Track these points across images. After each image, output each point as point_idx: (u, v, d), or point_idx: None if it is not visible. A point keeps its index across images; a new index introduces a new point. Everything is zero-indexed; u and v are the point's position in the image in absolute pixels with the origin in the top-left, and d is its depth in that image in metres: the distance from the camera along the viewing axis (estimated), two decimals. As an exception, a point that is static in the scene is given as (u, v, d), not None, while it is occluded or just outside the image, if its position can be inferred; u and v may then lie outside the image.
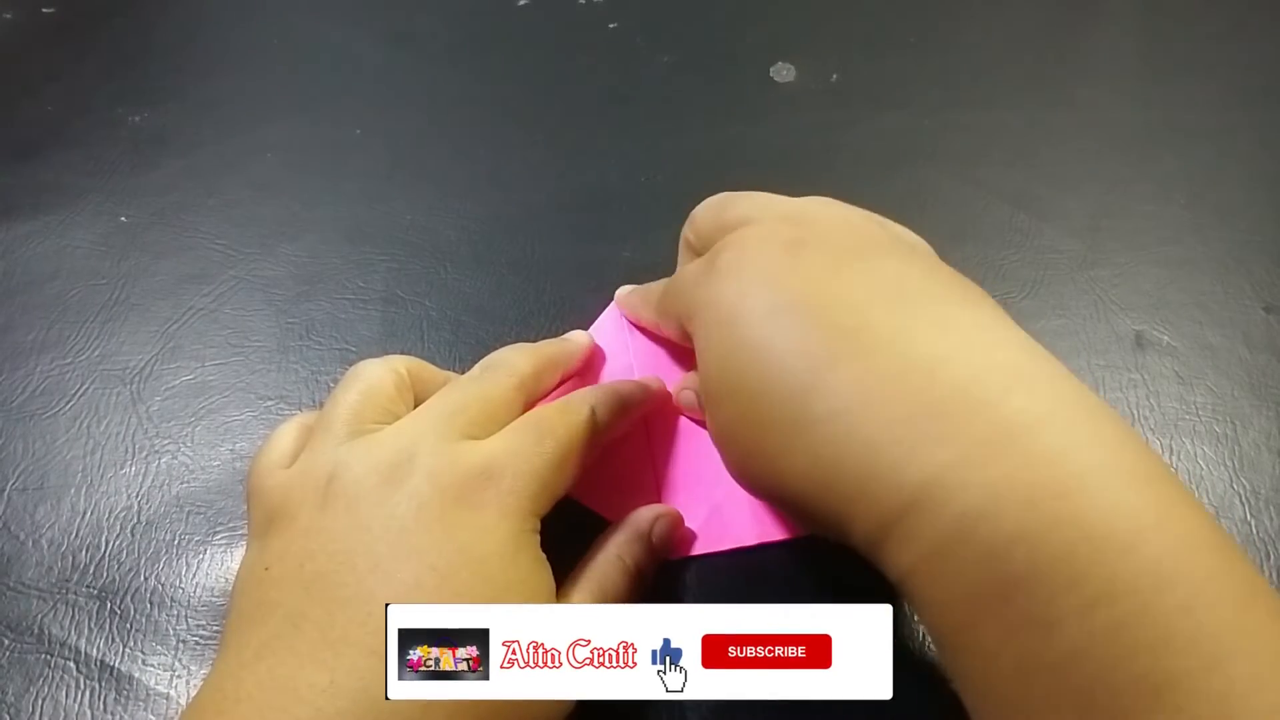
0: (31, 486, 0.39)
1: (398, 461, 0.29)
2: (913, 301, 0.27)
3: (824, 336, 0.26)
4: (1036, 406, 0.23)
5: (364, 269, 0.46)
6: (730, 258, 0.30)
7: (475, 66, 0.56)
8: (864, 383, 0.25)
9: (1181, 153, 0.50)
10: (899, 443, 0.24)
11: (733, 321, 0.28)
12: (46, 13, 0.59)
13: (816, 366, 0.26)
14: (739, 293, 0.28)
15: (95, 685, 0.34)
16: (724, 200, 0.35)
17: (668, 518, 0.35)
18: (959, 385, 0.24)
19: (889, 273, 0.28)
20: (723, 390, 0.28)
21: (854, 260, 0.28)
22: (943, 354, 0.25)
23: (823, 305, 0.27)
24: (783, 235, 0.29)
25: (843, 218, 0.32)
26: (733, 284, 0.29)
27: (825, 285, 0.27)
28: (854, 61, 0.55)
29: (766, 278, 0.28)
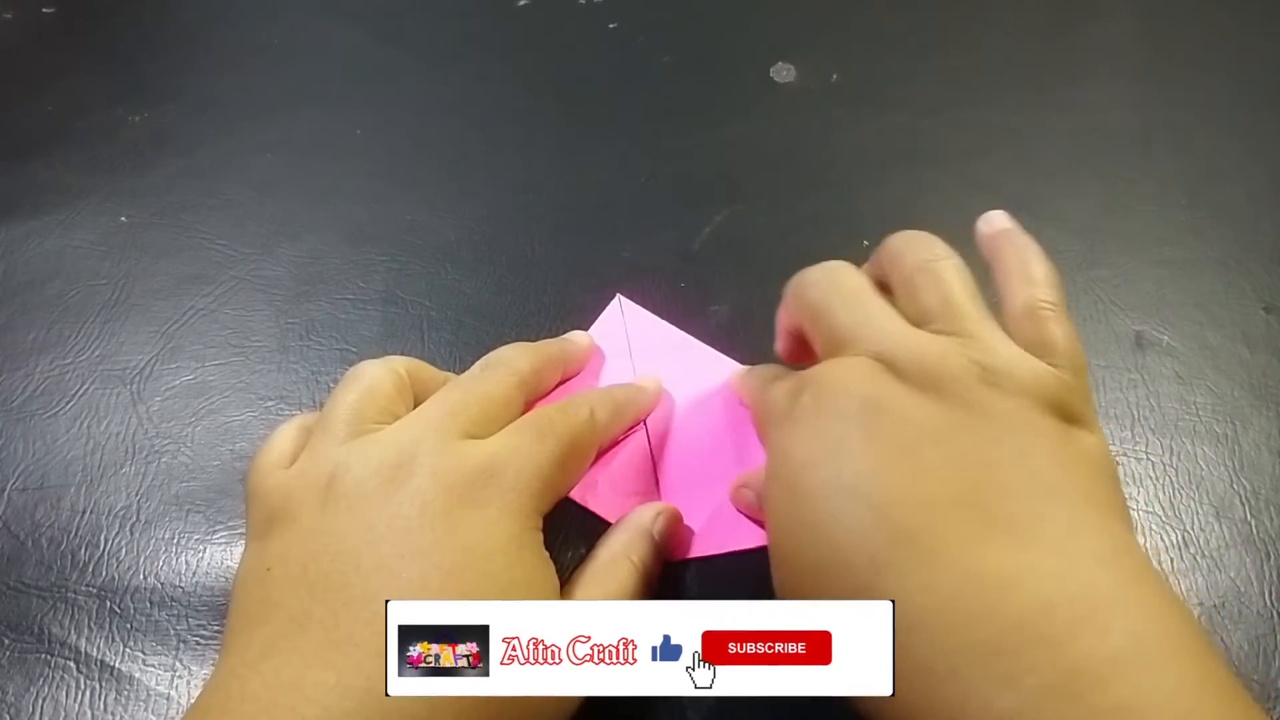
0: (31, 486, 0.39)
1: (399, 461, 0.29)
2: (991, 500, 0.25)
3: (887, 536, 0.25)
4: (1108, 648, 0.22)
5: (364, 269, 0.46)
6: (808, 405, 0.28)
7: (475, 66, 0.56)
8: (925, 598, 0.24)
9: (1181, 153, 0.50)
10: (958, 677, 0.23)
11: (796, 491, 0.27)
12: (46, 13, 0.59)
13: (878, 567, 0.25)
14: (806, 461, 0.27)
15: (95, 685, 0.34)
16: (830, 288, 0.32)
17: (667, 514, 0.35)
18: (1027, 618, 0.22)
19: (970, 459, 0.25)
20: (785, 552, 0.28)
21: (933, 444, 0.26)
22: (1013, 575, 0.23)
23: (889, 499, 0.25)
24: (865, 390, 0.27)
25: (940, 362, 0.27)
26: (802, 445, 0.28)
27: (895, 470, 0.26)
28: (854, 61, 0.55)
29: (837, 446, 0.27)
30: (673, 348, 0.42)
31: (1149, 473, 0.39)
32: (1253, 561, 0.37)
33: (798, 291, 0.33)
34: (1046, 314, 0.29)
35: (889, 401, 0.27)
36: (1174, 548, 0.37)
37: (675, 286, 0.45)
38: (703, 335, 0.42)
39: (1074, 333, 0.29)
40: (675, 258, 0.46)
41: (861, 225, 0.47)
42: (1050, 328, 0.29)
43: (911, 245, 0.31)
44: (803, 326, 0.33)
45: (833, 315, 0.31)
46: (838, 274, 0.32)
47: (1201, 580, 0.36)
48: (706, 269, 0.45)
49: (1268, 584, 0.36)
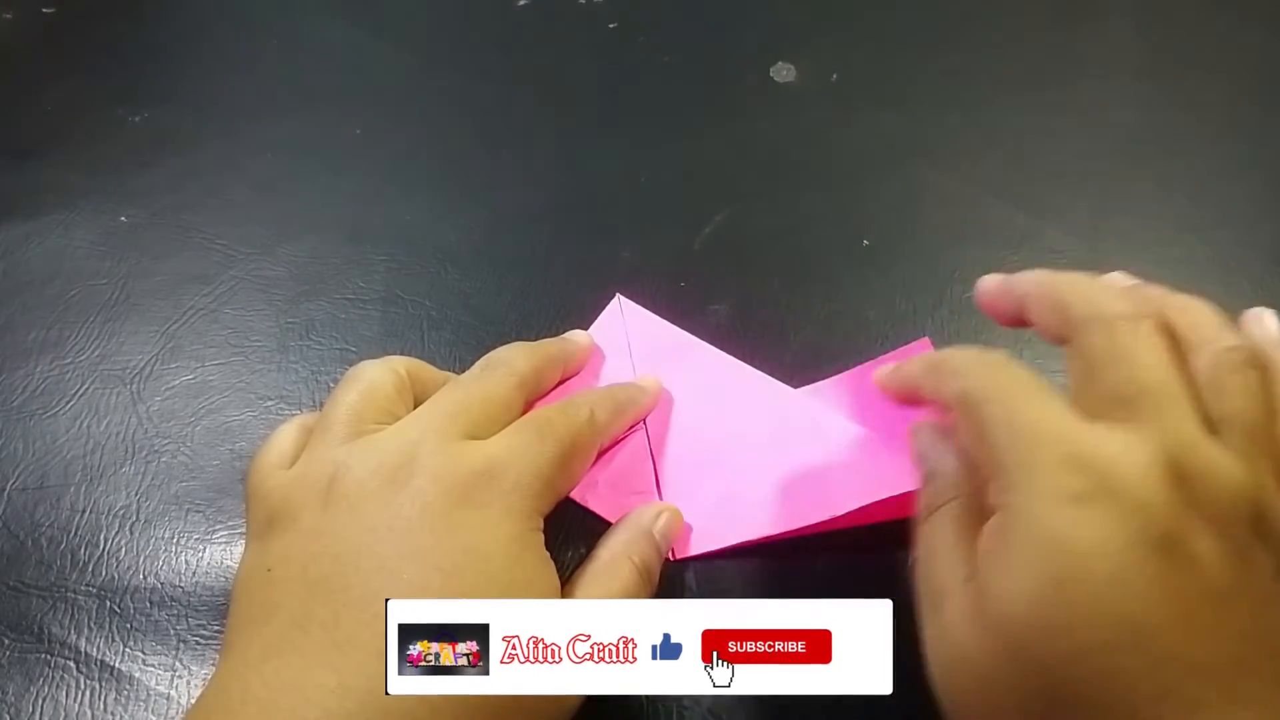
0: (31, 486, 0.39)
1: (400, 463, 0.29)
2: (1243, 677, 0.24)
3: (1152, 691, 0.23)
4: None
5: (364, 269, 0.46)
6: (1094, 495, 0.24)
7: (475, 66, 0.56)
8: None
9: (1181, 153, 0.50)
10: None
11: (1064, 583, 0.24)
12: (46, 13, 0.59)
13: (1123, 700, 0.23)
14: (1088, 568, 0.24)
15: (95, 685, 0.34)
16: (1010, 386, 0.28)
17: (670, 514, 0.35)
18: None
19: (1240, 628, 0.24)
20: (1004, 638, 0.25)
21: (1216, 603, 0.24)
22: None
23: (1164, 655, 0.24)
24: (1165, 522, 0.24)
25: (1237, 496, 0.25)
26: (1085, 545, 0.24)
27: (1177, 627, 0.24)
28: (854, 61, 0.55)
29: (1126, 572, 0.24)
30: (673, 347, 0.42)
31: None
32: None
33: (1057, 290, 0.30)
34: None
35: (1187, 542, 0.24)
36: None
37: (675, 286, 0.45)
38: (703, 335, 0.42)
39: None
40: (675, 258, 0.46)
41: (861, 225, 0.47)
42: None
43: (1211, 326, 0.29)
44: (1050, 329, 0.30)
45: (1130, 369, 0.27)
46: (1147, 320, 0.28)
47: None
48: (706, 269, 0.45)
49: (1268, 584, 0.36)
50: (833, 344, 0.42)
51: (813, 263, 0.46)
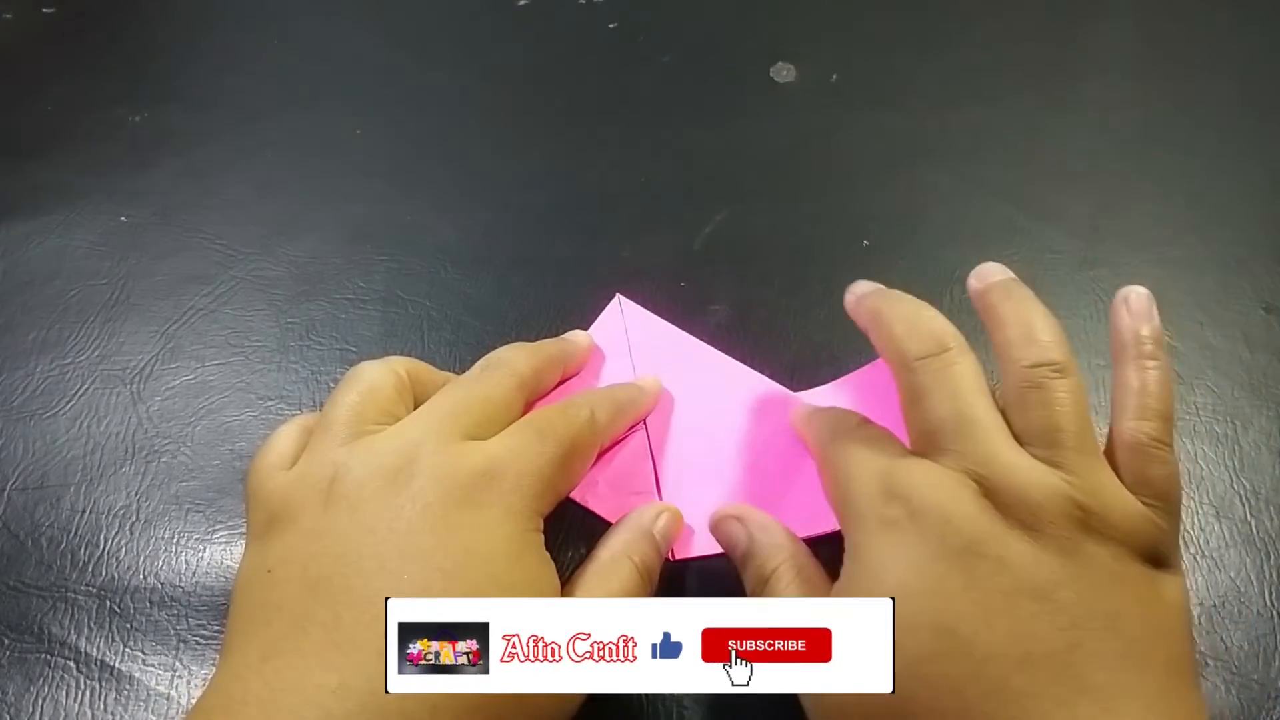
0: (31, 486, 0.39)
1: (400, 464, 0.29)
2: (1083, 664, 0.25)
3: (983, 690, 0.25)
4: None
5: (364, 269, 0.46)
6: (903, 522, 0.28)
7: (475, 66, 0.56)
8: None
9: (1181, 153, 0.50)
10: None
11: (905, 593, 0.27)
12: (46, 13, 0.59)
13: (969, 716, 0.25)
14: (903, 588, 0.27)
15: (95, 685, 0.34)
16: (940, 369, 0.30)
17: (670, 514, 0.35)
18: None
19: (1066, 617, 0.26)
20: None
21: (1032, 597, 0.26)
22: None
23: (988, 651, 0.26)
24: (969, 529, 0.27)
25: (1043, 501, 0.27)
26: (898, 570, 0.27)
27: (996, 622, 0.26)
28: (854, 61, 0.55)
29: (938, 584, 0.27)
30: (672, 347, 0.42)
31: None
32: (1253, 561, 0.37)
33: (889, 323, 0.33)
34: (1152, 452, 0.28)
35: (991, 545, 0.27)
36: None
37: (675, 286, 0.45)
38: (703, 335, 0.42)
39: (1176, 474, 0.29)
40: (675, 258, 0.46)
41: (861, 225, 0.47)
42: (1154, 468, 0.28)
43: (1029, 336, 0.30)
44: (886, 360, 0.33)
45: (935, 404, 0.30)
46: (953, 355, 0.31)
47: (1201, 580, 0.36)
48: (706, 269, 0.46)
49: (1268, 584, 0.36)
50: (833, 344, 0.42)
51: (813, 263, 0.46)
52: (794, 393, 0.41)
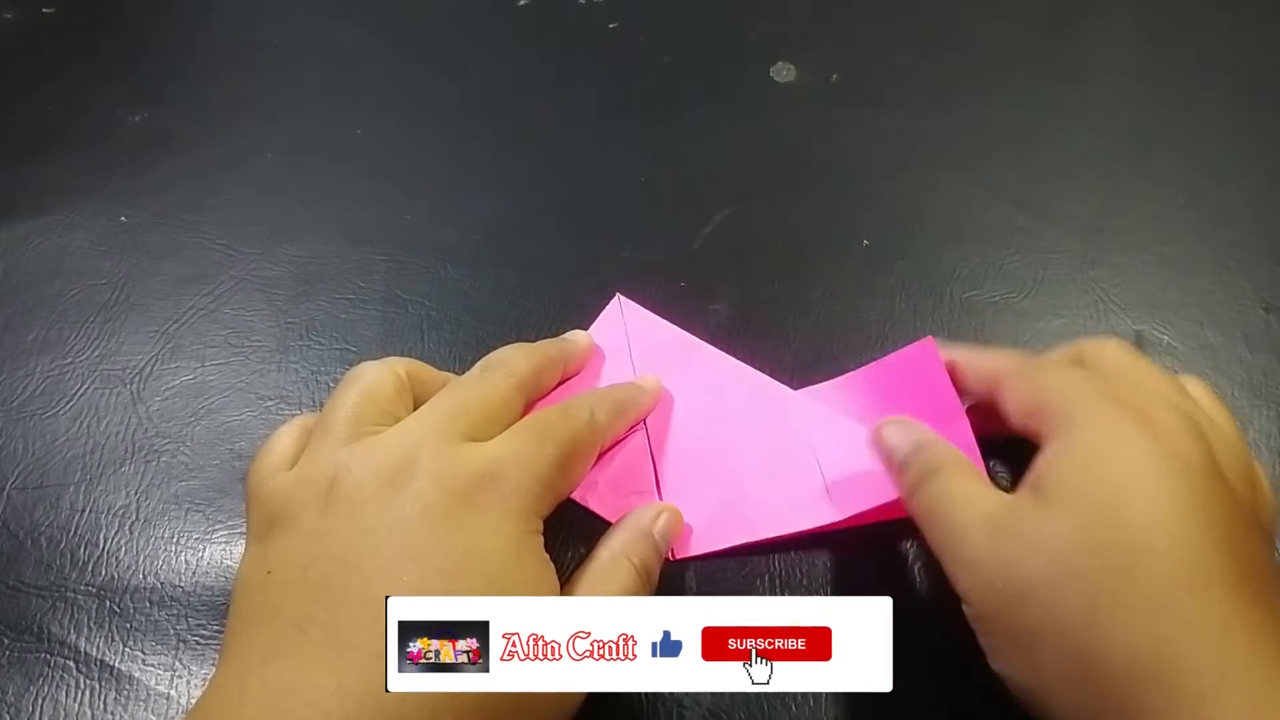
0: (31, 485, 0.39)
1: (400, 464, 0.29)
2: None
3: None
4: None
5: (364, 269, 0.46)
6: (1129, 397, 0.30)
7: (475, 66, 0.56)
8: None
9: (1181, 153, 0.50)
10: None
11: (1117, 503, 0.27)
12: (46, 13, 0.59)
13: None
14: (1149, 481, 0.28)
15: (95, 685, 0.34)
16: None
17: (669, 514, 0.35)
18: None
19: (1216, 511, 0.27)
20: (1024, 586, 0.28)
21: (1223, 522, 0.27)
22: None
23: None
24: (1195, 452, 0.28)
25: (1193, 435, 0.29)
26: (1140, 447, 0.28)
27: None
28: (854, 61, 0.55)
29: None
30: (672, 347, 0.42)
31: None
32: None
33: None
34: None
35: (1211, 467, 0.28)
36: None
37: (675, 286, 0.45)
38: (703, 335, 0.42)
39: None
40: (675, 257, 0.46)
41: (861, 225, 0.47)
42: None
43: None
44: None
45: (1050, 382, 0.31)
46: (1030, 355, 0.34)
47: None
48: (706, 269, 0.45)
49: (1268, 584, 0.36)
50: (833, 344, 0.43)
51: (813, 263, 0.46)
52: (794, 392, 0.41)
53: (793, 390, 0.41)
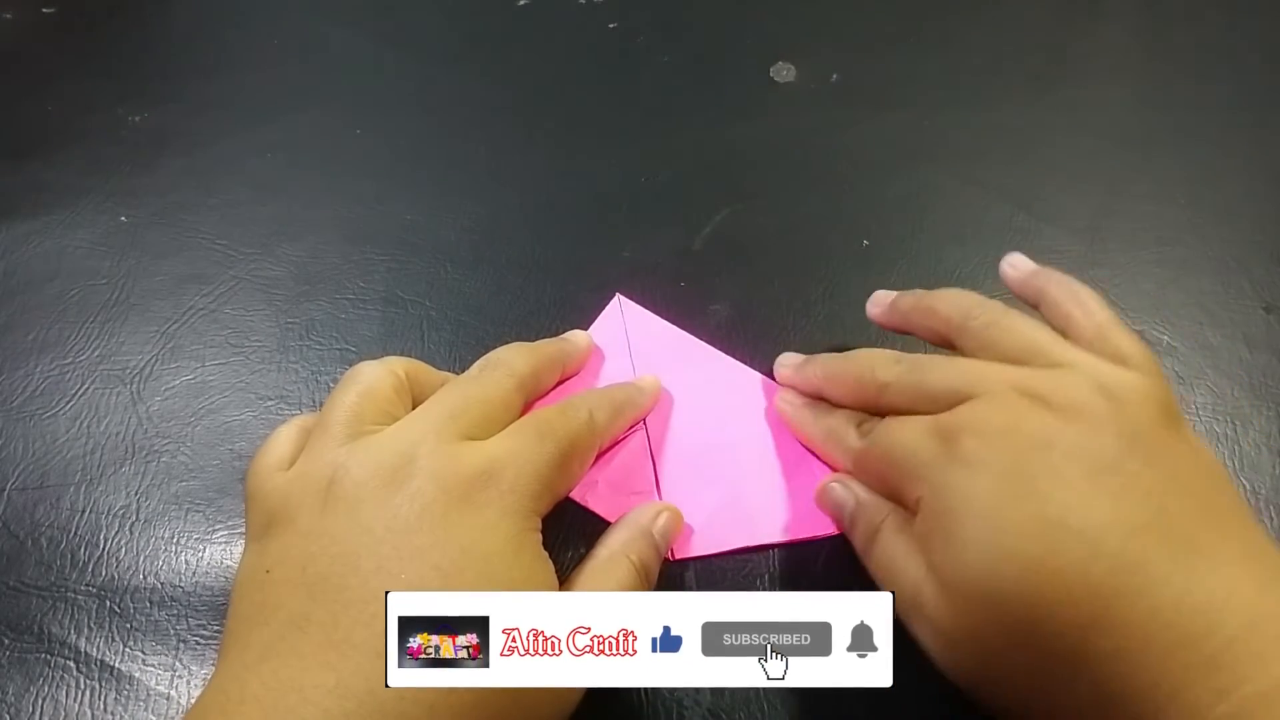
0: (31, 485, 0.39)
1: (398, 463, 0.29)
2: (1178, 524, 0.27)
3: (1107, 566, 0.26)
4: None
5: (364, 269, 0.46)
6: (975, 448, 0.29)
7: (475, 66, 0.56)
8: (1151, 623, 0.25)
9: (1181, 153, 0.50)
10: (1181, 693, 0.25)
11: (998, 529, 0.28)
12: (46, 13, 0.59)
13: (1104, 596, 0.26)
14: (1000, 499, 0.28)
15: (95, 685, 0.34)
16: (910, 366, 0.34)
17: (669, 514, 0.35)
18: (1239, 635, 0.25)
19: (1145, 485, 0.27)
20: (979, 594, 0.28)
21: (1111, 472, 0.28)
22: (1221, 596, 0.25)
23: (1099, 529, 0.27)
24: (1032, 428, 0.29)
25: (1075, 389, 0.30)
26: (990, 486, 0.28)
27: (1095, 500, 0.27)
28: (854, 61, 0.55)
29: (1031, 482, 0.28)
30: (672, 347, 0.42)
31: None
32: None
33: (834, 375, 0.37)
34: (1112, 333, 0.32)
35: (1057, 437, 0.28)
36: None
37: (675, 286, 0.45)
38: (703, 335, 0.42)
39: (1140, 341, 0.32)
40: (675, 257, 0.46)
41: (861, 225, 0.47)
42: (1123, 344, 0.31)
43: (967, 308, 0.34)
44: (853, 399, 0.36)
45: (929, 376, 0.33)
46: (894, 353, 0.35)
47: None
48: (706, 269, 0.45)
49: (1268, 583, 0.36)
50: (833, 344, 0.42)
51: (813, 263, 0.46)
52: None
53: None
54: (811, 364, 0.39)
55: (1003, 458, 0.29)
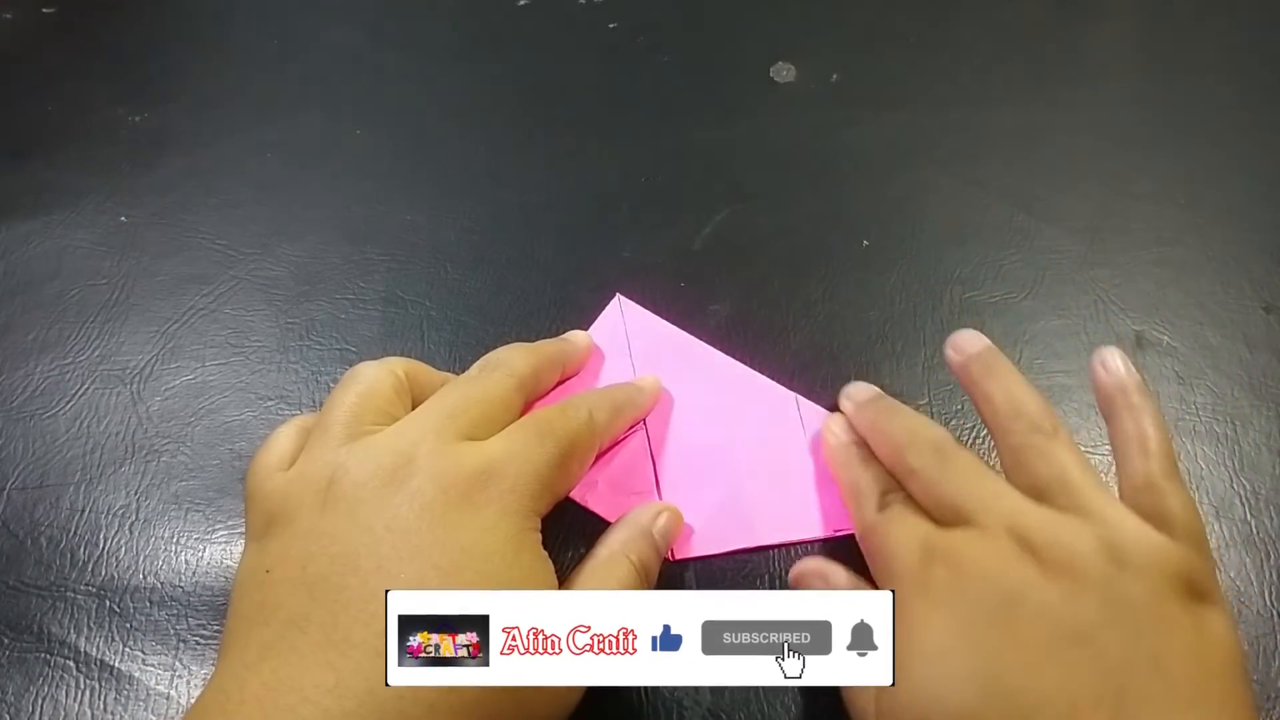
0: (31, 485, 0.39)
1: (398, 463, 0.29)
2: (1131, 707, 0.25)
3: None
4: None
5: (364, 269, 0.46)
6: (945, 582, 0.29)
7: (475, 66, 0.56)
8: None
9: (1181, 153, 0.50)
10: None
11: (933, 674, 0.27)
12: (46, 13, 0.59)
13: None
14: (948, 647, 0.28)
15: (95, 685, 0.34)
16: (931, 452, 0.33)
17: (669, 514, 0.35)
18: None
19: (1110, 660, 0.26)
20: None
21: (1075, 643, 0.26)
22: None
23: (1035, 702, 0.26)
24: (1008, 581, 0.28)
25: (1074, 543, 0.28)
26: (942, 629, 0.28)
27: (1042, 672, 0.26)
28: (854, 61, 0.55)
29: (981, 639, 0.27)
30: (672, 347, 0.42)
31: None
32: (1253, 561, 0.37)
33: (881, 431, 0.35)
34: (1163, 486, 0.30)
35: (1031, 594, 0.27)
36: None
37: (675, 286, 0.45)
38: (703, 335, 0.42)
39: (1192, 503, 0.30)
40: (675, 257, 0.46)
41: (861, 225, 0.47)
42: (1169, 502, 0.29)
43: (1015, 409, 0.32)
44: (887, 464, 0.35)
45: (946, 483, 0.31)
46: (938, 438, 0.33)
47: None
48: (706, 269, 0.45)
49: (1268, 584, 0.36)
50: (833, 344, 0.43)
51: (813, 263, 0.46)
52: (793, 393, 0.41)
53: (792, 391, 0.41)
54: (867, 409, 0.37)
55: (966, 602, 0.28)
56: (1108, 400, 0.32)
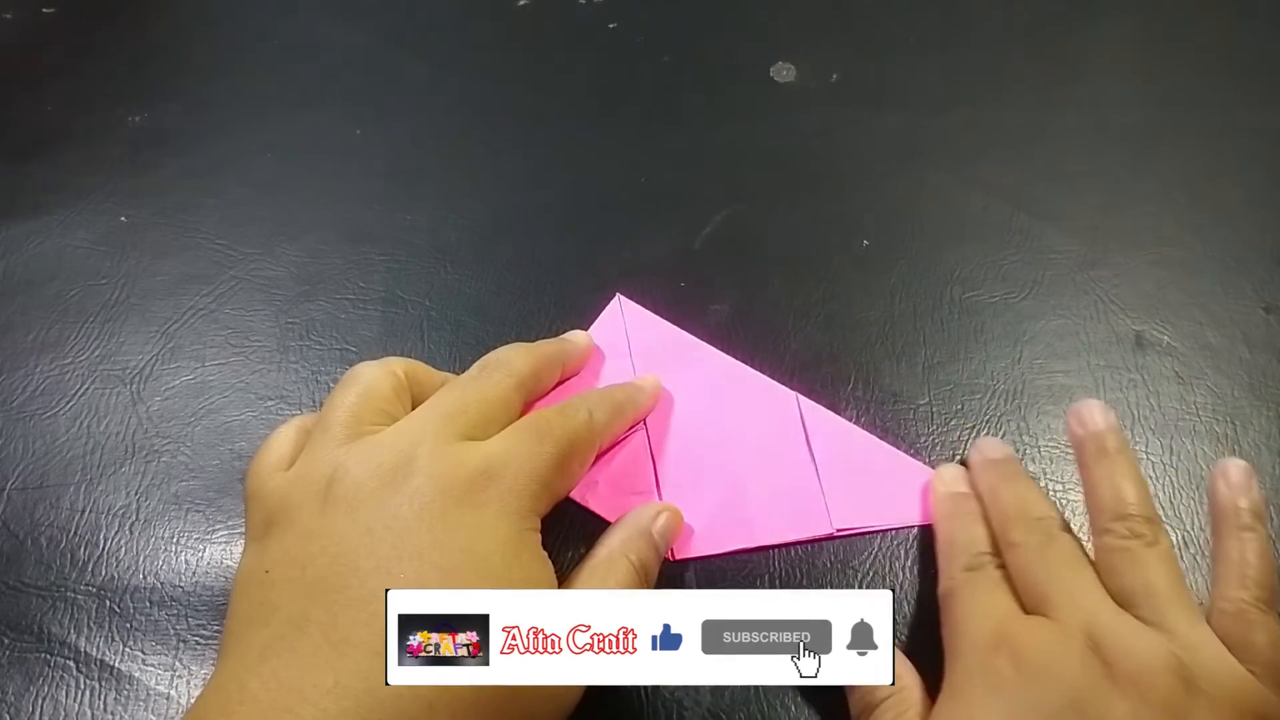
0: (31, 485, 0.39)
1: (398, 463, 0.29)
2: None
3: None
4: None
5: (364, 269, 0.46)
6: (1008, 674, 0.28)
7: (475, 66, 0.56)
8: None
9: (1181, 153, 0.50)
10: None
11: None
12: (46, 13, 0.59)
13: None
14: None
15: (95, 685, 0.34)
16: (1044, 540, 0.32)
17: (669, 514, 0.35)
18: None
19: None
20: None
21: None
22: None
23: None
24: (1072, 686, 0.27)
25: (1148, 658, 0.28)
26: (992, 711, 0.28)
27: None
28: (854, 61, 0.55)
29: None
30: (672, 347, 0.42)
31: (1149, 473, 0.39)
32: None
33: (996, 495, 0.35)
34: (1254, 618, 0.29)
35: (1095, 703, 0.27)
36: (1174, 548, 0.37)
37: (675, 286, 0.45)
38: (703, 334, 0.42)
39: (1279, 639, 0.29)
40: (675, 257, 0.46)
41: (861, 225, 0.47)
42: (1257, 634, 0.28)
43: (1116, 508, 0.31)
44: (994, 530, 0.34)
45: (1040, 566, 0.31)
46: (1045, 517, 0.33)
47: (1202, 580, 0.36)
48: (706, 268, 0.45)
49: (1268, 583, 0.36)
50: (833, 344, 0.43)
51: (813, 263, 0.46)
52: (793, 392, 0.41)
53: (792, 391, 0.41)
54: (989, 470, 0.36)
55: (1026, 701, 0.28)
56: (1220, 515, 0.31)
